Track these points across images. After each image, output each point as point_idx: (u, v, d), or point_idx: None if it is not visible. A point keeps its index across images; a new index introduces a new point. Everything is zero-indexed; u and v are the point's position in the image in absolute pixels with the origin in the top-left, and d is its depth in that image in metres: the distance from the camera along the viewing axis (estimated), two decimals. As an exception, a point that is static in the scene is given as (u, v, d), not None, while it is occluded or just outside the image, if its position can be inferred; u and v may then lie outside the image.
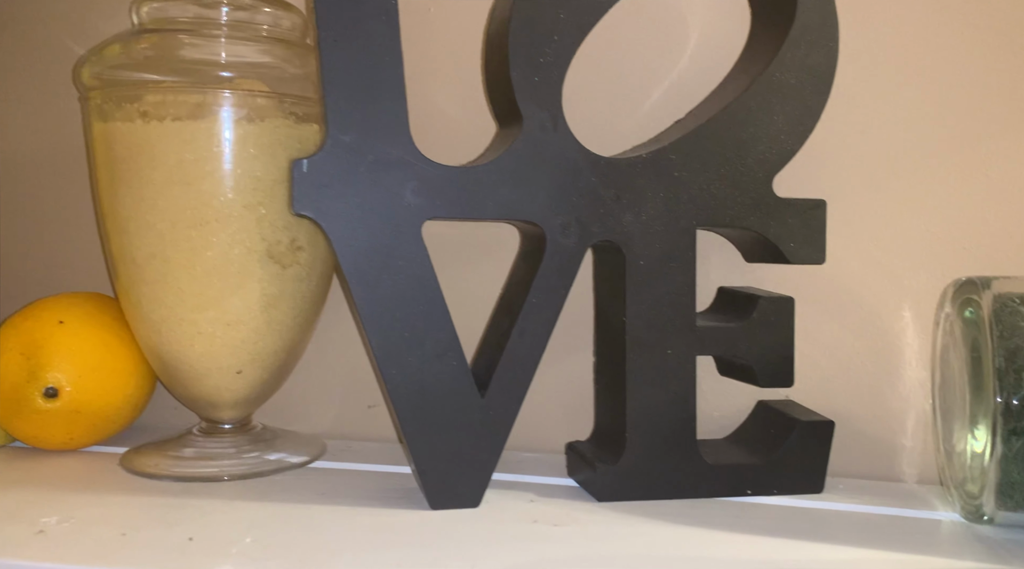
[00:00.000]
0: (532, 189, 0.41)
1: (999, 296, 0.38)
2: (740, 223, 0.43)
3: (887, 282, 0.49)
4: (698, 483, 0.43)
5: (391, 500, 0.42)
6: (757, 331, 0.44)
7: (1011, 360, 0.37)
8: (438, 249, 0.51)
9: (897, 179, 0.48)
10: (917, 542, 0.38)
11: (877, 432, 0.49)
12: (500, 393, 0.41)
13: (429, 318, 0.40)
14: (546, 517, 0.40)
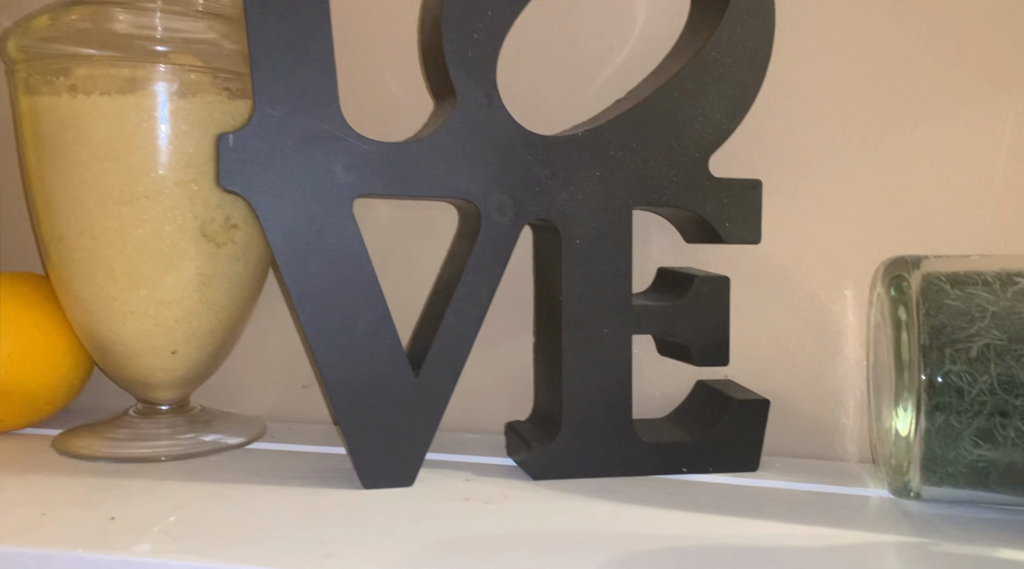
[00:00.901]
0: (466, 166, 0.41)
1: (927, 275, 0.39)
2: (676, 203, 0.43)
3: (826, 263, 0.49)
4: (633, 461, 0.43)
5: (324, 480, 0.41)
6: (693, 310, 0.44)
7: (935, 337, 0.37)
8: (378, 230, 0.52)
9: (834, 160, 0.49)
10: (844, 518, 0.38)
11: (817, 412, 0.50)
12: (434, 372, 0.41)
13: (361, 296, 0.39)
14: (479, 495, 0.40)
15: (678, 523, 0.37)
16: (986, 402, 0.36)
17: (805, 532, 0.36)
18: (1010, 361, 0.36)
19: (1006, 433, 0.36)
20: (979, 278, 0.38)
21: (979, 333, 0.36)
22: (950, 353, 0.37)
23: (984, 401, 0.36)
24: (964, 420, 0.36)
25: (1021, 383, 0.35)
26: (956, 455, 0.37)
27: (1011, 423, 0.36)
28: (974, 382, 0.36)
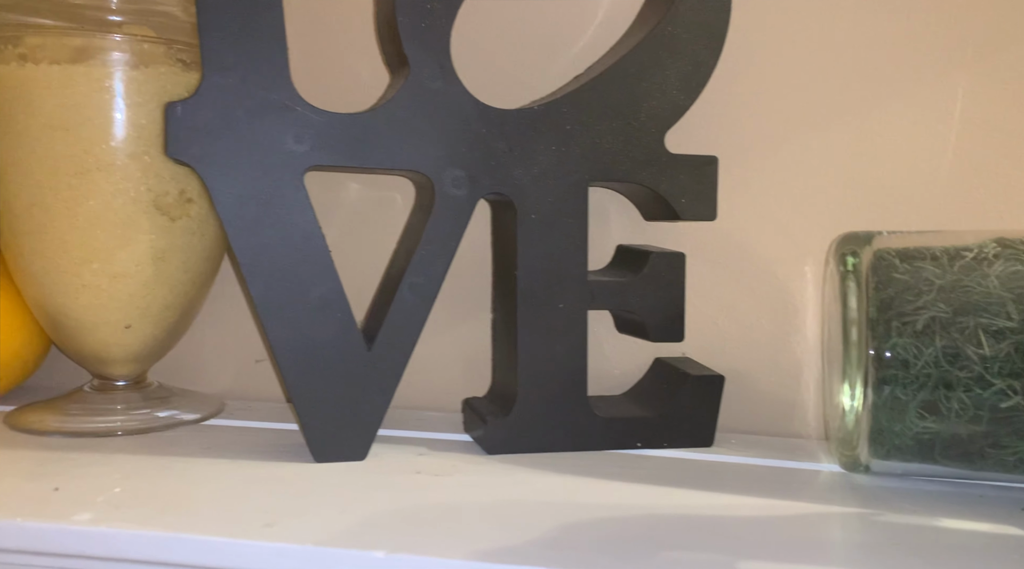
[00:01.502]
0: (420, 139, 0.40)
1: (878, 251, 0.39)
2: (632, 178, 0.43)
3: (784, 240, 0.49)
4: (588, 436, 0.44)
5: (277, 454, 0.41)
6: (648, 286, 0.44)
7: (883, 311, 0.37)
8: (345, 206, 0.51)
9: (791, 138, 0.49)
10: (792, 491, 0.38)
11: (775, 390, 0.50)
12: (387, 346, 0.41)
13: (312, 268, 0.39)
14: (431, 468, 0.40)
15: (629, 494, 0.37)
16: (931, 374, 0.36)
17: (752, 503, 0.37)
18: (954, 334, 0.36)
19: (950, 405, 0.36)
20: (928, 253, 0.38)
21: (925, 306, 0.37)
22: (896, 326, 0.37)
23: (929, 373, 0.36)
24: (910, 392, 0.36)
25: (965, 355, 0.36)
26: (902, 428, 0.37)
27: (955, 395, 0.36)
28: (919, 355, 0.36)
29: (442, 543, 0.30)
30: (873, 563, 0.30)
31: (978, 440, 0.36)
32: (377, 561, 0.29)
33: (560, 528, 0.32)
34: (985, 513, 0.36)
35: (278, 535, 0.31)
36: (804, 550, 0.31)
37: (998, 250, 0.37)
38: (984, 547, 0.32)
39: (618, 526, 0.33)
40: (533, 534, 0.32)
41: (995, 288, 0.36)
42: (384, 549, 0.30)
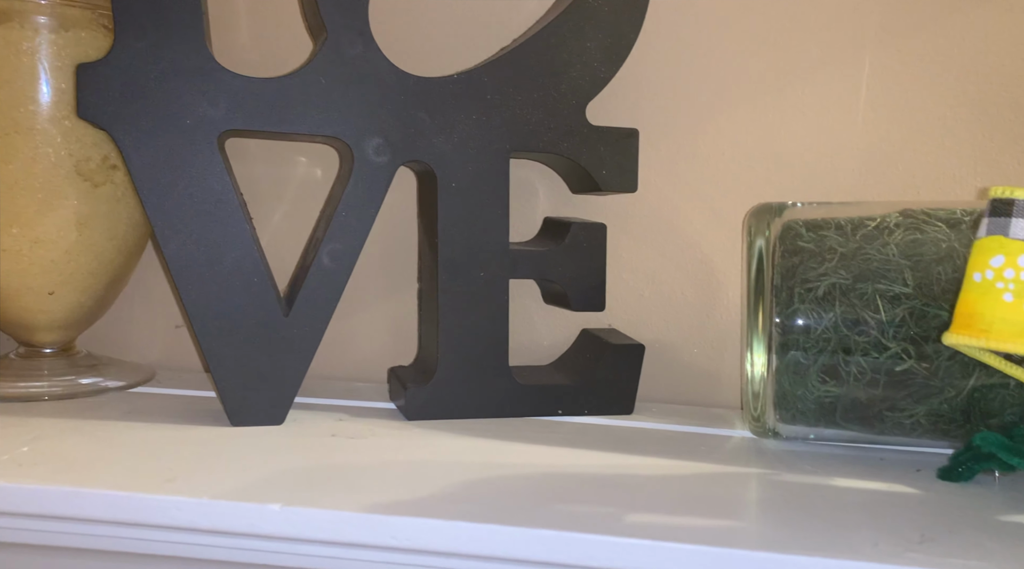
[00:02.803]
0: (339, 105, 0.40)
1: (788, 221, 0.40)
2: (553, 149, 0.44)
3: (706, 213, 0.50)
4: (509, 402, 0.44)
5: (196, 419, 0.41)
6: (569, 255, 0.45)
7: (787, 278, 0.38)
8: (288, 183, 0.52)
9: (713, 112, 0.49)
10: (700, 454, 0.39)
11: (698, 360, 0.51)
12: (305, 312, 0.41)
13: (227, 233, 0.39)
14: (346, 432, 0.40)
15: (539, 455, 0.38)
16: (831, 339, 0.37)
17: (655, 464, 0.37)
18: (854, 299, 0.37)
19: (849, 369, 0.37)
20: (833, 223, 0.39)
21: (827, 273, 0.38)
22: (799, 293, 0.38)
23: (829, 338, 0.37)
24: (811, 357, 0.37)
25: (863, 321, 0.37)
26: (804, 392, 0.38)
27: (854, 360, 0.37)
28: (820, 320, 0.37)
29: (339, 497, 0.31)
30: (759, 516, 0.31)
31: (876, 403, 0.37)
32: (272, 514, 0.30)
33: (462, 484, 0.33)
34: (881, 473, 0.37)
35: (177, 489, 0.31)
36: (694, 505, 0.32)
37: (899, 220, 0.38)
38: (871, 502, 0.33)
39: (520, 483, 0.34)
40: (433, 490, 0.32)
41: (894, 256, 0.37)
42: (280, 502, 0.30)
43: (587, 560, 0.28)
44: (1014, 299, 0.26)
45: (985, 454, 0.35)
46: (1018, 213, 0.26)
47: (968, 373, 0.36)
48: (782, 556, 0.27)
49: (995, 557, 0.27)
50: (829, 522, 0.30)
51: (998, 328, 0.26)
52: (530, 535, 0.29)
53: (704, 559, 0.27)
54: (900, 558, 0.27)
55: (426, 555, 0.30)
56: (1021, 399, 0.36)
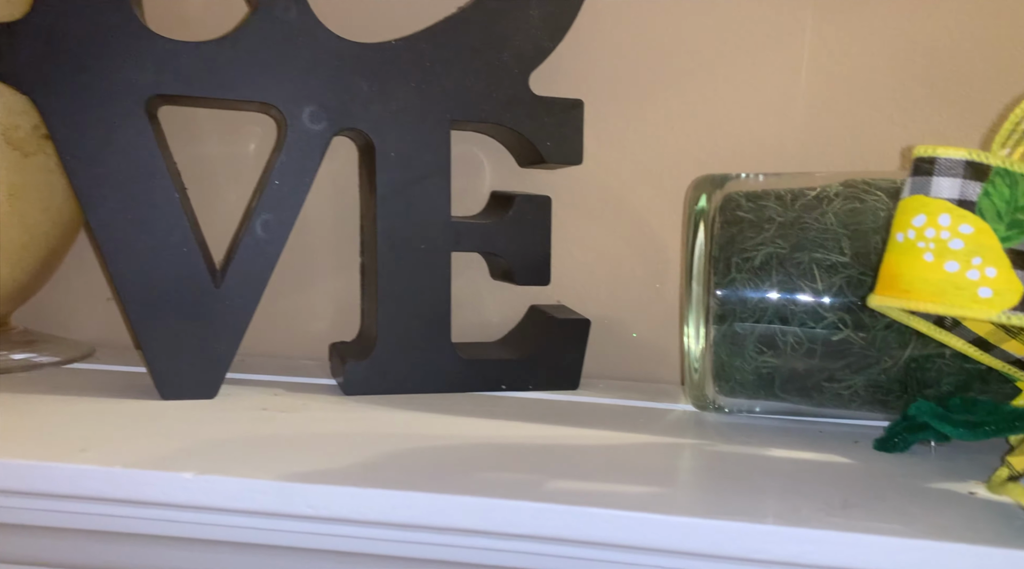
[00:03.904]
0: (272, 71, 0.39)
1: (729, 192, 0.40)
2: (495, 119, 0.43)
3: (654, 187, 0.49)
4: (451, 378, 0.44)
5: (128, 393, 0.40)
6: (513, 228, 0.44)
7: (725, 248, 0.38)
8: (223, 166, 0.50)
9: (659, 84, 0.49)
10: (638, 426, 0.39)
11: (646, 336, 0.51)
12: (237, 283, 0.40)
13: (155, 202, 0.38)
14: (279, 406, 0.39)
15: (473, 427, 0.37)
16: (767, 309, 0.37)
17: (589, 435, 0.37)
18: (790, 269, 0.37)
19: (786, 339, 0.37)
20: (773, 193, 0.39)
21: (764, 242, 0.37)
22: (736, 262, 0.37)
23: (765, 308, 0.37)
24: (748, 327, 0.37)
25: (800, 290, 0.36)
26: (742, 363, 0.38)
27: (790, 330, 0.37)
28: (757, 290, 0.37)
29: (256, 467, 0.30)
30: (684, 483, 0.31)
31: (814, 374, 0.37)
32: (184, 482, 0.29)
33: (387, 455, 0.32)
34: (818, 445, 0.36)
35: (89, 459, 0.30)
36: (620, 473, 0.31)
37: (840, 190, 0.38)
38: (802, 472, 0.32)
39: (448, 453, 0.33)
40: (356, 460, 0.31)
41: (832, 224, 0.37)
42: (193, 471, 0.29)
43: (506, 526, 0.28)
44: (934, 258, 0.26)
45: (920, 424, 0.35)
46: (939, 172, 0.26)
47: (904, 343, 0.36)
48: (698, 520, 0.26)
49: (914, 521, 0.27)
50: (755, 489, 0.30)
51: (918, 288, 0.26)
52: (447, 501, 0.28)
53: (620, 523, 0.27)
54: (820, 522, 0.27)
55: (343, 524, 0.29)
56: (957, 369, 0.36)
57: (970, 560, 0.25)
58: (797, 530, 0.26)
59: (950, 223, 0.25)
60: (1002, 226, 0.25)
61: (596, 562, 0.28)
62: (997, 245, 0.25)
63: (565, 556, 0.28)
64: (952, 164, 0.26)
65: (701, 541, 0.27)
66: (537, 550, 0.28)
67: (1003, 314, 0.24)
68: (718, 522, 0.26)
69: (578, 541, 0.27)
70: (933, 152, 0.26)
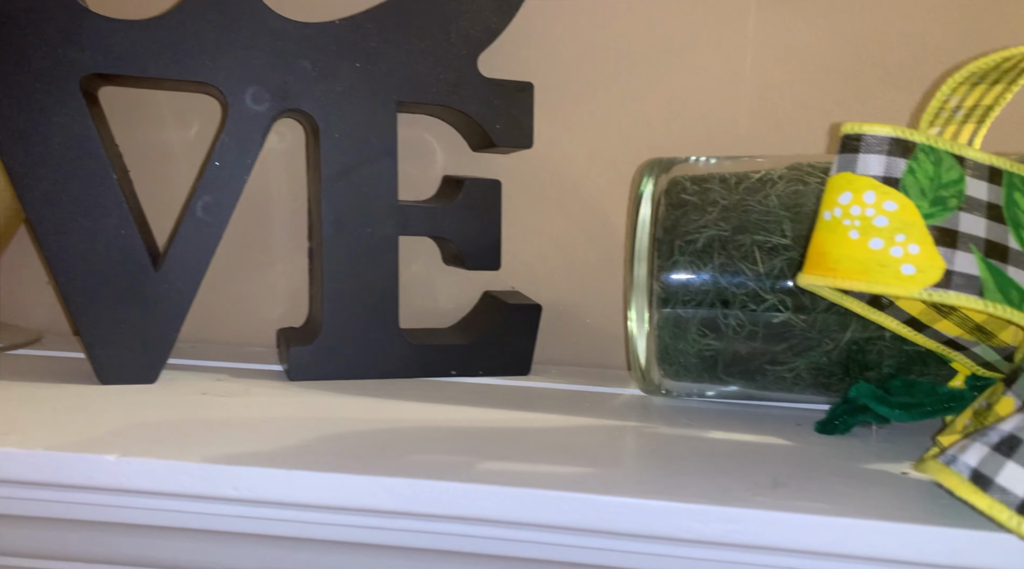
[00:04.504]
0: (212, 50, 0.39)
1: (675, 176, 0.39)
2: (443, 100, 0.42)
3: (609, 173, 0.49)
4: (399, 363, 0.43)
5: (68, 378, 0.40)
6: (463, 212, 0.44)
7: (669, 231, 0.38)
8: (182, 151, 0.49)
9: (612, 66, 0.48)
10: (583, 410, 0.38)
11: (600, 322, 0.50)
12: (177, 266, 0.39)
13: (91, 183, 0.37)
14: (219, 391, 0.39)
15: (415, 411, 0.36)
16: (709, 291, 0.37)
17: (531, 418, 0.36)
18: (732, 251, 0.36)
19: (728, 322, 0.37)
20: (718, 176, 0.39)
21: (707, 225, 0.37)
22: (679, 245, 0.37)
23: (708, 290, 0.37)
24: (690, 310, 0.37)
25: (742, 272, 0.36)
26: (686, 346, 0.38)
27: (732, 312, 0.36)
28: (699, 272, 0.37)
29: (184, 449, 0.29)
30: (616, 464, 0.30)
31: (757, 357, 0.37)
32: (108, 465, 0.28)
33: (321, 438, 0.32)
34: (760, 427, 0.36)
35: (11, 442, 0.29)
36: (553, 454, 0.31)
37: (784, 172, 0.38)
38: (739, 453, 0.32)
39: (383, 436, 0.32)
40: (287, 443, 0.31)
41: (774, 207, 0.37)
42: (117, 453, 0.29)
43: (433, 507, 0.27)
44: (859, 236, 0.25)
45: (860, 406, 0.35)
46: (865, 149, 0.26)
47: (845, 325, 0.36)
48: (622, 500, 0.26)
49: (842, 500, 0.27)
50: (688, 470, 0.30)
51: (844, 266, 0.26)
52: (374, 483, 0.28)
53: (542, 503, 0.26)
54: (746, 502, 0.26)
55: (269, 506, 0.28)
56: (897, 351, 0.36)
57: (891, 537, 0.25)
58: (722, 509, 0.26)
59: (875, 200, 0.25)
60: (926, 203, 0.25)
61: (522, 543, 0.28)
62: (921, 222, 0.25)
63: (493, 537, 0.28)
64: (878, 141, 0.25)
65: (625, 520, 0.26)
66: (465, 531, 0.28)
67: (925, 291, 0.24)
68: (644, 501, 0.26)
69: (503, 522, 0.27)
70: (859, 129, 0.26)
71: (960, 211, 0.25)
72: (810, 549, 0.26)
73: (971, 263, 0.24)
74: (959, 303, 0.24)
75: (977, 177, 0.25)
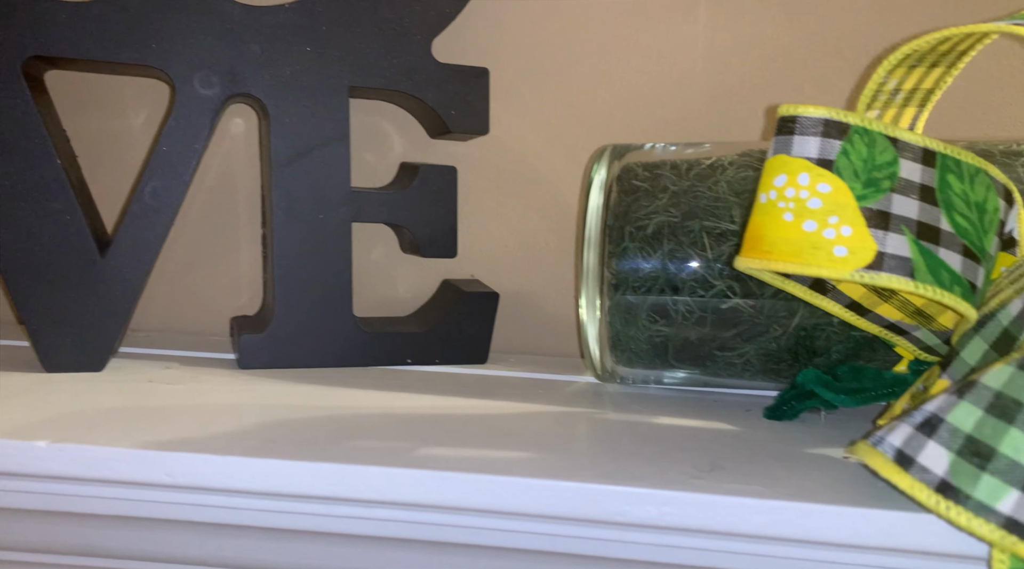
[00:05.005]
0: (159, 33, 0.38)
1: (628, 162, 0.39)
2: (395, 86, 0.42)
3: (570, 162, 0.49)
4: (353, 351, 0.43)
5: (11, 366, 0.39)
6: (418, 199, 0.43)
7: (619, 217, 0.37)
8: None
9: (570, 53, 0.48)
10: (534, 397, 0.38)
11: (560, 310, 0.50)
12: (124, 252, 0.39)
13: (35, 168, 0.37)
14: (167, 379, 0.38)
15: (363, 399, 0.36)
16: (659, 277, 0.36)
17: (479, 405, 0.36)
18: (681, 237, 0.36)
19: (677, 308, 0.36)
20: (670, 162, 0.38)
21: (657, 211, 0.37)
22: (630, 231, 0.37)
23: (657, 277, 0.36)
24: (640, 296, 0.37)
25: (691, 259, 0.36)
26: (636, 332, 0.37)
27: (681, 299, 0.36)
28: (649, 259, 0.37)
29: (117, 435, 0.29)
30: (557, 449, 0.30)
31: (706, 343, 0.37)
32: (38, 451, 0.28)
33: (262, 425, 0.32)
34: (708, 413, 0.36)
35: (-59, 429, 0.29)
36: (494, 440, 0.31)
37: (734, 158, 0.38)
38: (683, 438, 0.32)
39: (325, 423, 0.32)
40: (227, 429, 0.31)
41: (723, 193, 0.36)
42: (49, 439, 0.28)
43: (365, 493, 0.27)
44: (793, 218, 0.25)
45: (807, 392, 0.35)
46: (800, 130, 0.26)
47: (793, 311, 0.35)
48: (556, 483, 0.26)
49: (778, 483, 0.27)
50: (629, 455, 0.29)
51: (779, 248, 0.25)
52: (307, 469, 0.27)
53: (473, 486, 0.26)
54: (682, 485, 0.26)
55: (204, 492, 0.28)
56: (845, 337, 0.36)
57: (823, 520, 0.25)
58: (657, 492, 0.26)
59: (809, 182, 0.25)
60: (859, 184, 0.25)
61: (455, 528, 0.28)
62: (853, 204, 0.25)
63: (427, 522, 0.28)
64: (812, 122, 0.25)
65: (560, 504, 0.26)
66: (400, 517, 0.28)
67: (856, 272, 0.24)
68: (578, 485, 0.26)
69: (435, 506, 0.27)
70: (794, 111, 0.26)
71: (893, 193, 0.25)
72: (743, 532, 0.26)
73: (903, 245, 0.24)
74: (890, 284, 0.24)
75: (911, 159, 0.25)
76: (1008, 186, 0.27)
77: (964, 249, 0.25)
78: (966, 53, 0.28)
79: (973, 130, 0.47)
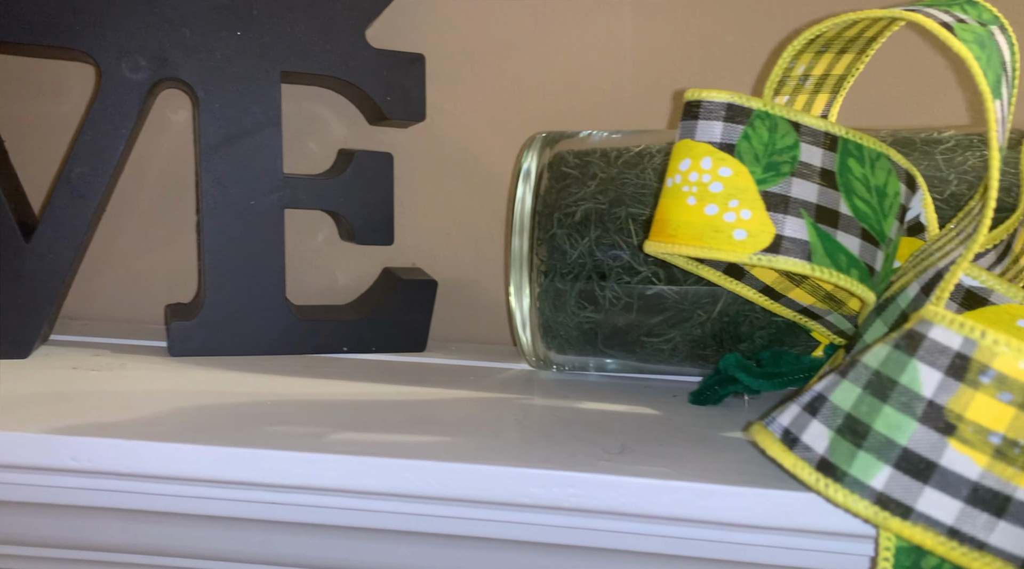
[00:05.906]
0: (85, 15, 0.38)
1: (560, 150, 0.39)
2: (329, 71, 0.42)
3: (509, 147, 0.49)
4: (287, 338, 0.43)
5: (-66, 354, 0.39)
6: (353, 185, 0.43)
7: (548, 205, 0.37)
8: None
9: (509, 40, 0.48)
10: (466, 384, 0.38)
11: (500, 298, 0.50)
12: (48, 238, 0.38)
13: (-45, 150, 0.36)
14: (93, 366, 0.38)
15: (286, 385, 0.36)
16: (586, 264, 0.37)
17: (405, 391, 0.36)
18: (608, 224, 0.36)
19: (604, 294, 0.37)
20: (599, 150, 0.38)
21: (585, 198, 0.37)
22: (558, 218, 0.37)
23: (584, 263, 0.37)
24: (568, 283, 0.37)
25: (617, 245, 0.36)
26: (565, 318, 0.38)
27: (609, 285, 0.36)
28: (576, 245, 0.37)
29: (25, 421, 0.29)
30: (473, 433, 0.30)
31: (634, 329, 0.37)
32: (-58, 437, 0.28)
33: (178, 410, 0.31)
34: (635, 398, 0.36)
35: None
36: (410, 425, 0.31)
37: (663, 146, 0.38)
38: (603, 423, 0.32)
39: (241, 409, 0.32)
40: (138, 414, 0.30)
41: (650, 180, 0.37)
42: (-47, 426, 0.28)
43: (276, 478, 0.27)
44: (696, 202, 0.25)
45: (729, 377, 0.35)
46: (704, 115, 0.26)
47: (716, 297, 0.36)
48: (463, 465, 0.26)
49: (685, 465, 0.27)
50: (544, 438, 0.30)
51: (683, 232, 0.26)
52: (216, 453, 0.27)
53: (380, 470, 0.26)
54: (588, 467, 0.26)
55: (110, 477, 0.28)
56: (767, 323, 0.36)
57: (724, 501, 0.25)
58: (563, 474, 0.26)
59: (711, 166, 0.25)
60: (759, 168, 0.25)
61: (363, 512, 0.28)
62: (754, 188, 0.25)
63: (336, 507, 0.28)
64: (715, 107, 0.26)
65: (468, 487, 0.26)
66: (310, 502, 0.28)
67: (755, 256, 0.25)
68: (486, 467, 0.26)
69: (343, 491, 0.27)
70: (699, 95, 0.26)
71: (793, 177, 0.25)
72: (647, 513, 0.26)
73: (800, 228, 0.24)
74: (787, 267, 0.24)
75: (812, 143, 0.26)
76: (911, 171, 0.27)
77: (863, 232, 0.25)
78: (875, 39, 0.29)
79: (905, 118, 0.47)
